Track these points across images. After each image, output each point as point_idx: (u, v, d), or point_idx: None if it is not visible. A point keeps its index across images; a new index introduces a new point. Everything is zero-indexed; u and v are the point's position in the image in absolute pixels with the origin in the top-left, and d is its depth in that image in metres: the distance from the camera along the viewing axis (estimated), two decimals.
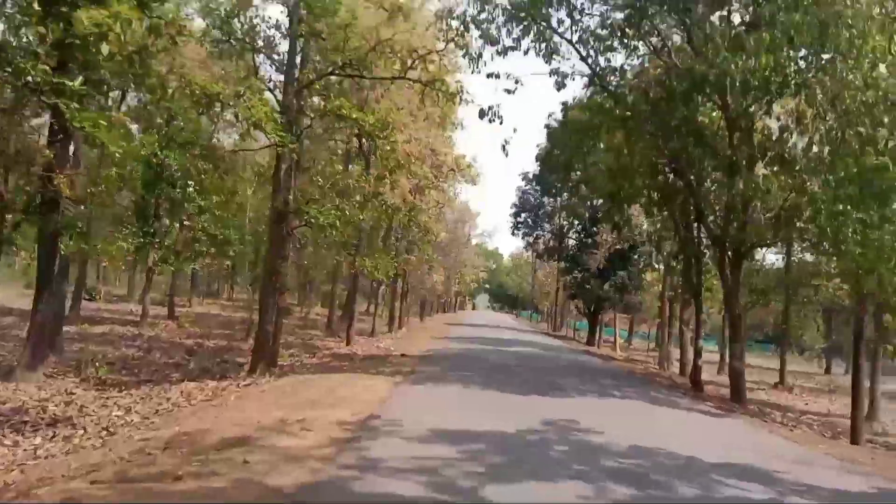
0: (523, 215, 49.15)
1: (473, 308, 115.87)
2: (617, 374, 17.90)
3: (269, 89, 19.82)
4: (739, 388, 15.09)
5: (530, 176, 46.54)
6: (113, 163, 22.76)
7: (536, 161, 43.17)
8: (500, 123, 13.64)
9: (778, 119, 13.84)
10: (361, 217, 18.32)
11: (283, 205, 15.69)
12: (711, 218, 16.24)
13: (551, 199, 47.34)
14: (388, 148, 21.75)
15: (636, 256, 36.69)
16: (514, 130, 17.77)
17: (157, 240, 25.85)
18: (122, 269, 44.14)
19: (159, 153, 24.08)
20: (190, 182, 27.28)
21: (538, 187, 46.50)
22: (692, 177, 14.99)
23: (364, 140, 22.83)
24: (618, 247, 33.29)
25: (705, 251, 17.91)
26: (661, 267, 33.23)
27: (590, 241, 37.14)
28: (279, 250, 15.72)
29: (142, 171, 24.61)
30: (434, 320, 50.82)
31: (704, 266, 18.02)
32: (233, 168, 26.92)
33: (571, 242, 43.85)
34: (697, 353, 16.99)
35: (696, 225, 16.82)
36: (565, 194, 44.04)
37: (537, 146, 38.71)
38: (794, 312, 34.21)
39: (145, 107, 22.02)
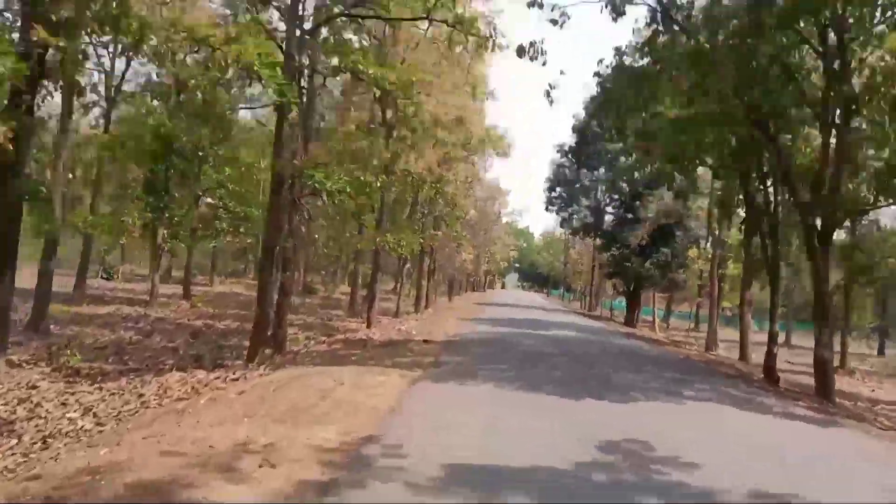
0: (558, 189, 46.23)
1: (503, 287, 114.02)
2: (673, 363, 15.44)
3: (276, 41, 17.70)
4: (827, 383, 12.51)
5: (566, 148, 43.56)
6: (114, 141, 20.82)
7: (573, 132, 40.39)
8: (544, 64, 11.32)
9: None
10: (378, 184, 16.13)
11: (289, 167, 13.58)
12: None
13: (588, 173, 44.35)
14: (412, 109, 19.47)
15: (679, 232, 33.96)
16: (562, 73, 15.22)
17: (167, 215, 24.09)
18: (139, 247, 43.04)
19: (168, 122, 22.25)
20: (202, 153, 25.36)
21: (574, 160, 43.46)
22: (776, 129, 12.26)
23: (387, 109, 20.56)
24: (663, 222, 30.46)
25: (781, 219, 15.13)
26: (709, 242, 30.47)
27: (630, 216, 34.46)
28: (281, 221, 13.62)
29: (148, 140, 22.71)
30: (462, 299, 48.63)
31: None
32: (237, 134, 24.87)
33: (609, 218, 41.10)
34: (772, 339, 14.43)
35: (772, 189, 14.14)
36: (602, 169, 41.30)
37: (573, 117, 35.94)
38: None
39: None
